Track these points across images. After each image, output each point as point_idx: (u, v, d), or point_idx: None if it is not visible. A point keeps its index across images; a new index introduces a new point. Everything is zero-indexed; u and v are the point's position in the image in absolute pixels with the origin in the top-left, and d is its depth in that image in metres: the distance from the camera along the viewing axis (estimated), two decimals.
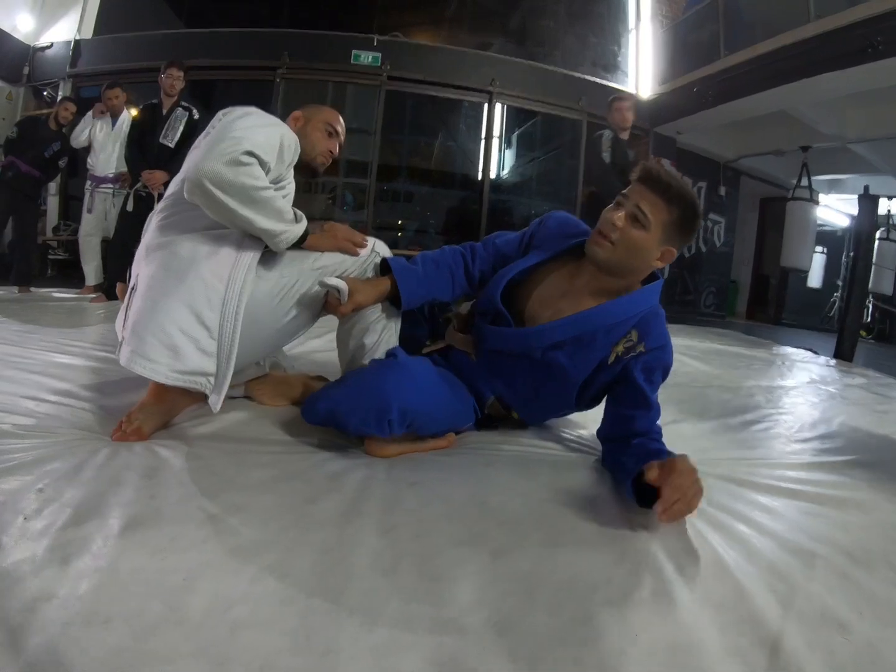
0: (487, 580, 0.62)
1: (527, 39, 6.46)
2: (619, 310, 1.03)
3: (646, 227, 0.97)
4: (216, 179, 0.89)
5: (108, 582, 0.57)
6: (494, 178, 5.96)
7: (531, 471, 0.95)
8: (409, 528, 0.71)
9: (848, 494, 1.00)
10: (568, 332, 1.03)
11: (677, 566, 0.68)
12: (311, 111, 1.26)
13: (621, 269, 1.02)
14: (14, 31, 5.29)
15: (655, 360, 1.02)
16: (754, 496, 0.94)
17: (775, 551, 0.75)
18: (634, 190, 0.99)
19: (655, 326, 1.03)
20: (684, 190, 0.97)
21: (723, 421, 1.50)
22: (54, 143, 3.77)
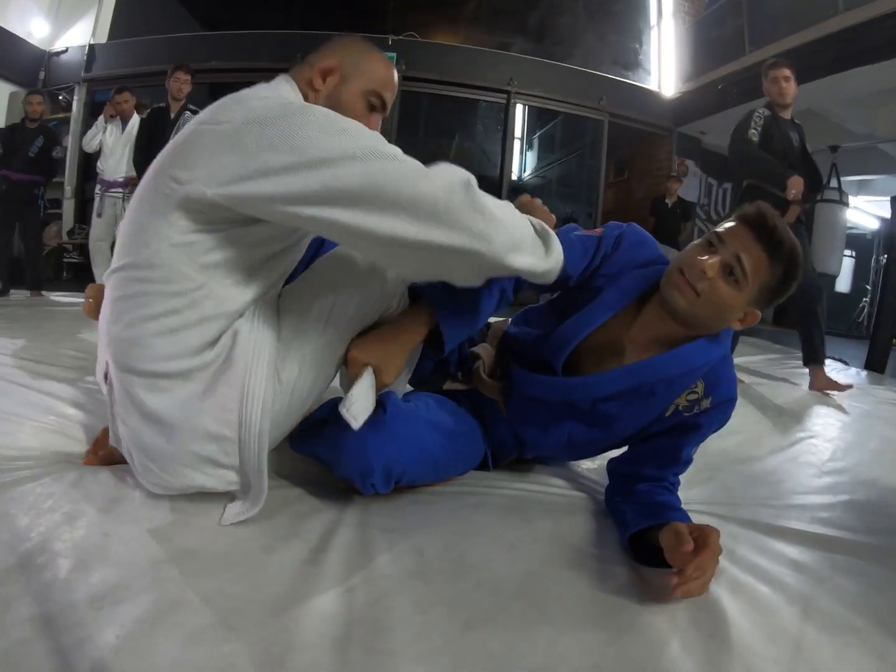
0: (447, 662, 0.53)
1: (545, 38, 6.37)
2: (686, 360, 0.87)
3: (740, 285, 0.80)
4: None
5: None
6: (515, 178, 5.90)
7: (524, 516, 0.84)
8: (370, 589, 0.62)
9: (888, 542, 0.88)
10: (626, 383, 0.87)
11: (683, 643, 0.58)
12: (355, 62, 0.84)
13: (696, 324, 0.85)
14: (29, 37, 5.38)
15: (718, 416, 0.89)
16: (782, 547, 0.82)
17: (802, 625, 0.64)
18: (736, 234, 0.81)
19: (724, 377, 0.89)
20: (795, 248, 0.80)
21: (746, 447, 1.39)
22: (36, 141, 3.81)
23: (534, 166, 6.64)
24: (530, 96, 5.61)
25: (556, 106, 5.77)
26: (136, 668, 0.49)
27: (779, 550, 0.82)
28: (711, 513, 0.90)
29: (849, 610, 0.68)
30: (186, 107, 3.43)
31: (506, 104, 5.54)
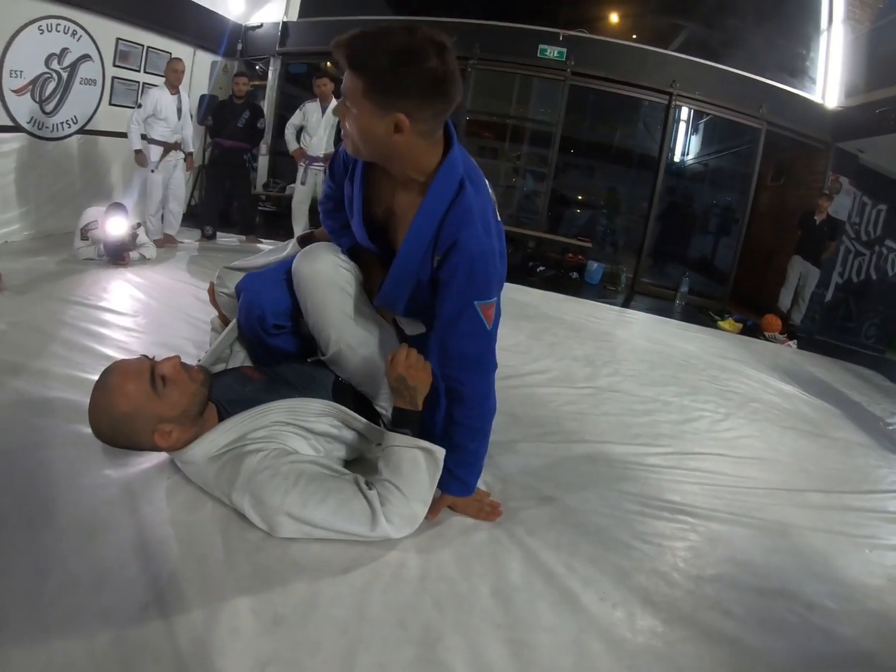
0: None
1: (712, 38, 7.49)
2: (421, 231, 1.35)
3: (351, 108, 1.21)
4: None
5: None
6: (676, 161, 7.12)
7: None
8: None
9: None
10: (398, 286, 1.47)
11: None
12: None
13: (377, 157, 1.32)
14: (227, 13, 7.22)
15: (449, 265, 1.33)
16: None
17: None
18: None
19: (446, 232, 1.33)
20: (367, 43, 1.15)
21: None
22: (243, 114, 5.61)
23: (696, 152, 7.97)
24: (691, 99, 6.92)
25: (714, 111, 7.05)
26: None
27: None
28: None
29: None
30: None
31: (667, 105, 6.92)
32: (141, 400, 1.31)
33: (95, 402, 1.33)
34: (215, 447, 1.39)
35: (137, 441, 1.37)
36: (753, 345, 5.18)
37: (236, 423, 1.42)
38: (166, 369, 1.35)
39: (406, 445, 1.40)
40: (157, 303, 3.27)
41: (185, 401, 1.36)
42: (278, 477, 1.29)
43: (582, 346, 3.71)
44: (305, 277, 1.58)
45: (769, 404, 3.23)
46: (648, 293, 7.07)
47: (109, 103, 5.76)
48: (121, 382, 1.31)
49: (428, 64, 1.15)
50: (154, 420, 1.33)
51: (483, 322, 1.37)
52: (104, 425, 1.33)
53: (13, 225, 4.80)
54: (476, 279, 1.33)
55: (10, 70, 4.69)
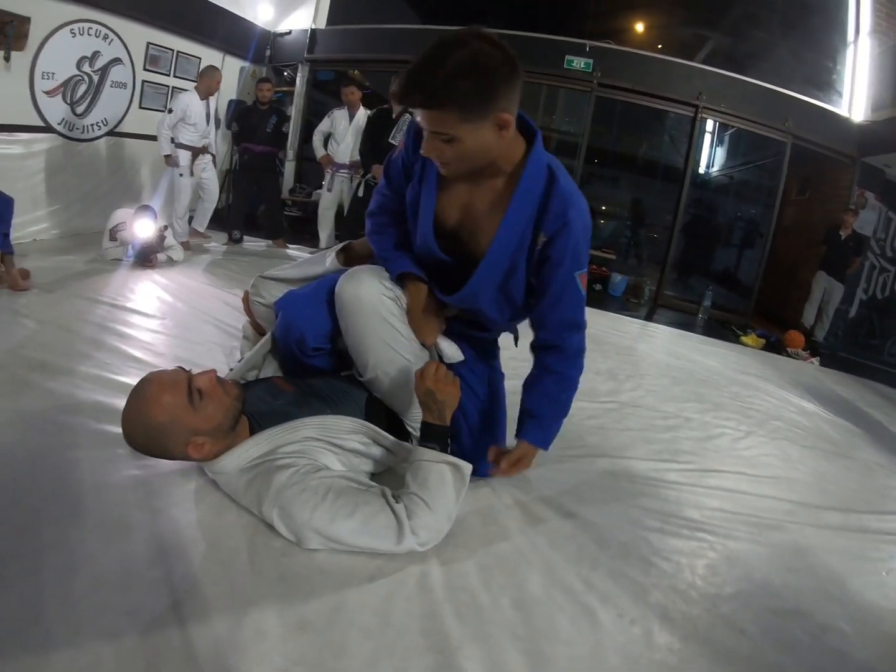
0: None
1: (737, 50, 7.54)
2: (517, 216, 1.39)
3: (451, 139, 1.25)
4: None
5: None
6: (701, 172, 7.12)
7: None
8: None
9: None
10: (487, 280, 1.48)
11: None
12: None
13: (480, 169, 1.36)
14: (255, 20, 7.34)
15: (560, 244, 1.39)
16: None
17: None
18: (420, 118, 1.26)
19: (552, 209, 1.37)
20: (436, 79, 1.17)
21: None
22: (271, 118, 5.67)
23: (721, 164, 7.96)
24: (717, 112, 6.88)
25: (740, 123, 7.02)
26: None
27: None
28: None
29: None
30: (407, 109, 5.10)
31: (693, 117, 6.91)
32: (177, 412, 1.33)
33: (131, 411, 1.35)
34: (246, 459, 1.41)
35: (170, 451, 1.39)
36: (776, 361, 5.14)
37: (268, 436, 1.44)
38: (203, 383, 1.38)
39: (433, 460, 1.43)
40: (183, 305, 3.33)
41: (219, 415, 1.39)
42: (307, 492, 1.31)
43: (605, 360, 3.71)
44: (349, 304, 1.59)
45: (790, 422, 3.21)
46: (671, 306, 7.04)
47: (139, 106, 5.90)
48: (158, 393, 1.33)
49: (493, 60, 1.19)
50: (189, 432, 1.36)
51: (581, 290, 1.49)
52: (138, 434, 1.36)
53: (42, 223, 4.92)
54: (579, 252, 1.43)
55: (42, 72, 4.82)
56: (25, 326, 2.66)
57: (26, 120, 4.80)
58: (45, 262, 3.92)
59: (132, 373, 2.28)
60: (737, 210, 8.35)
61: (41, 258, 4.01)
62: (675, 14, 7.76)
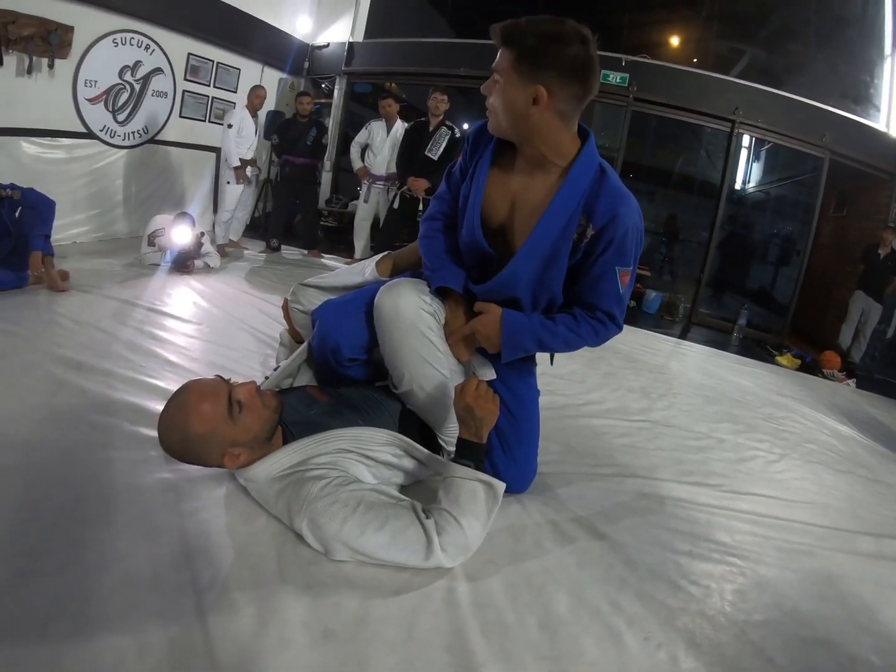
0: None
1: (774, 64, 7.45)
2: (563, 205, 1.44)
3: (498, 80, 1.37)
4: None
5: None
6: (728, 198, 7.02)
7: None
8: None
9: None
10: (530, 262, 1.50)
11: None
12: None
13: (516, 132, 1.44)
14: (294, 32, 7.48)
15: (607, 236, 1.44)
16: None
17: None
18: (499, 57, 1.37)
19: (601, 203, 1.43)
20: (520, 25, 1.32)
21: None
22: (310, 131, 5.77)
23: (758, 180, 7.85)
24: (753, 127, 6.77)
25: (777, 139, 6.90)
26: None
27: None
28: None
29: None
30: (444, 122, 5.14)
31: (730, 132, 6.81)
32: (216, 423, 1.34)
33: (170, 419, 1.35)
34: (279, 468, 1.42)
35: (206, 460, 1.41)
36: (811, 382, 5.04)
37: (301, 447, 1.45)
38: (243, 395, 1.39)
39: (467, 477, 1.42)
40: (219, 312, 3.38)
41: (257, 427, 1.40)
42: (338, 504, 1.31)
43: (638, 378, 3.68)
44: (387, 316, 1.60)
45: (825, 445, 3.13)
46: (706, 324, 6.93)
47: (179, 116, 6.06)
48: (197, 403, 1.34)
49: (571, 48, 1.30)
50: (226, 444, 1.37)
51: (619, 284, 1.51)
52: (175, 441, 1.37)
53: (82, 227, 5.07)
54: (625, 248, 1.46)
55: (85, 79, 4.99)
56: (63, 326, 2.74)
57: (69, 126, 4.96)
58: (85, 264, 4.03)
59: (167, 376, 2.33)
60: (773, 227, 8.20)
61: (81, 260, 4.12)
62: (710, 28, 7.70)
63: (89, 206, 5.16)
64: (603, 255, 1.46)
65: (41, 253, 3.25)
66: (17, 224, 3.34)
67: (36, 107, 4.63)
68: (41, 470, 1.56)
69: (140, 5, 5.24)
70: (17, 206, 3.34)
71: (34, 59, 4.50)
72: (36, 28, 4.44)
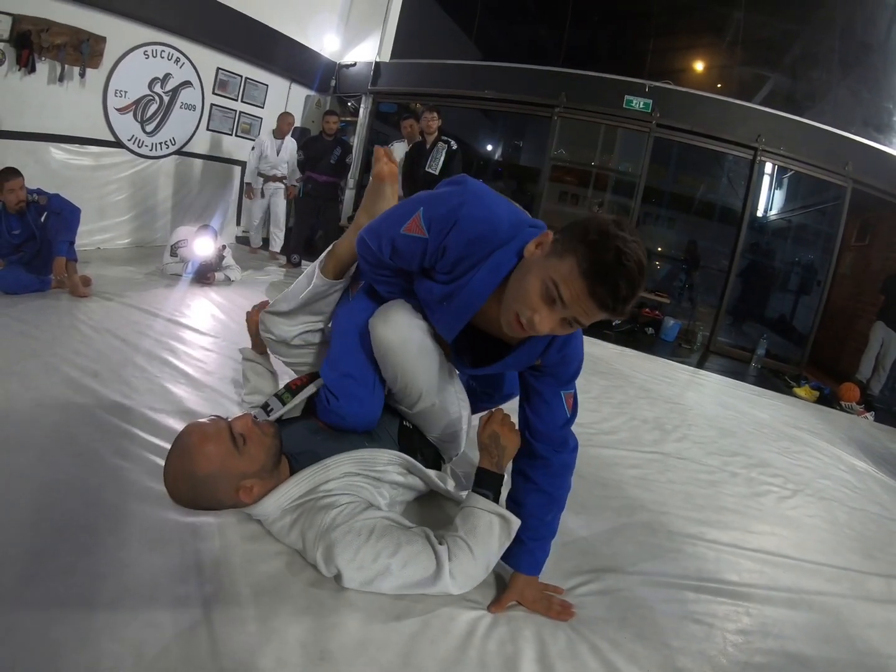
0: None
1: (796, 91, 7.44)
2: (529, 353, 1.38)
3: (568, 322, 1.17)
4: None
5: None
6: (749, 226, 7.00)
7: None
8: None
9: None
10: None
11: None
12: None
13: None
14: (322, 50, 7.61)
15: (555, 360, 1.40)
16: None
17: None
18: (581, 303, 1.11)
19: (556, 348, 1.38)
20: (632, 296, 1.09)
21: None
22: (335, 150, 5.88)
23: (779, 208, 7.80)
24: (776, 154, 6.74)
25: (799, 167, 6.83)
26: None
27: None
28: None
29: None
30: (440, 138, 5.21)
31: (752, 160, 6.79)
32: (224, 459, 1.33)
33: (175, 467, 1.33)
34: (287, 499, 1.43)
35: (219, 500, 1.39)
36: (829, 415, 4.96)
37: (307, 475, 1.46)
38: (241, 427, 1.40)
39: (486, 509, 1.43)
40: (237, 326, 3.40)
41: (262, 455, 1.41)
42: (351, 534, 1.32)
43: (652, 408, 3.63)
44: (395, 347, 1.56)
45: (839, 482, 3.08)
46: (724, 353, 6.85)
47: (207, 129, 6.18)
48: (201, 444, 1.33)
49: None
50: (238, 477, 1.37)
51: (566, 408, 1.47)
52: (185, 488, 1.34)
53: (107, 234, 5.18)
54: (569, 376, 1.46)
55: (115, 90, 5.13)
56: (83, 333, 2.79)
57: (98, 134, 5.09)
58: (107, 270, 4.11)
59: (183, 388, 2.37)
60: (793, 255, 8.13)
61: (103, 267, 4.20)
62: (733, 54, 7.71)
63: (114, 213, 5.27)
64: (550, 381, 1.45)
65: (65, 258, 3.32)
66: (42, 228, 3.42)
67: (66, 114, 4.76)
68: (53, 473, 1.59)
69: (171, 19, 5.38)
70: (43, 211, 3.43)
71: (66, 67, 4.63)
72: (68, 37, 4.58)
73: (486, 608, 1.42)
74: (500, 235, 1.27)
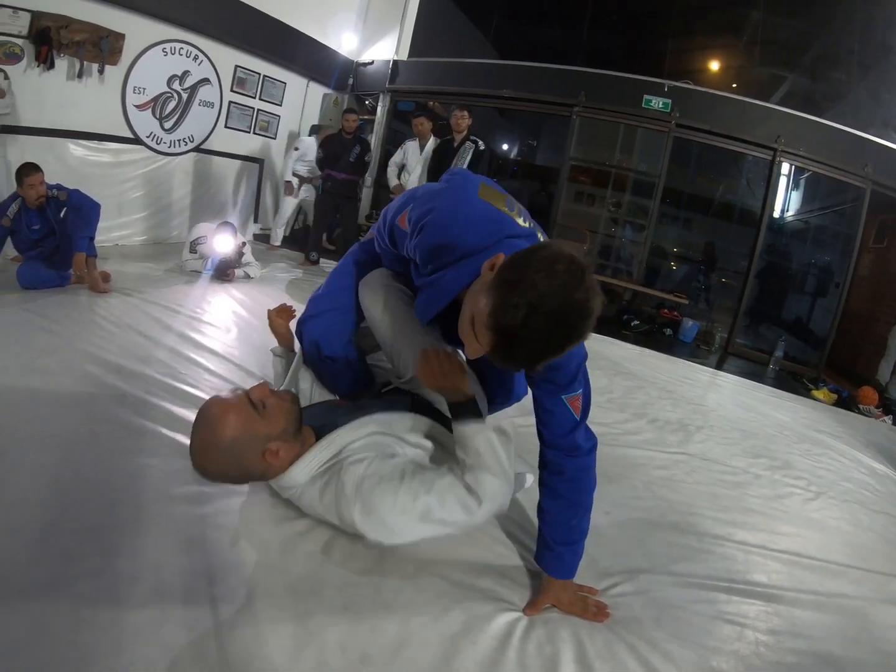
0: None
1: (815, 92, 7.35)
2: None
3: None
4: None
5: None
6: (768, 227, 6.94)
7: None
8: None
9: None
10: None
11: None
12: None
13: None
14: (339, 49, 7.60)
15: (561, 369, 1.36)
16: None
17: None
18: (484, 344, 1.11)
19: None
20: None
21: None
22: (354, 148, 5.87)
23: (797, 209, 7.75)
24: (795, 156, 6.66)
25: (818, 168, 6.74)
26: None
27: None
28: None
29: None
30: (468, 137, 5.18)
31: (771, 160, 6.71)
32: (247, 423, 1.35)
33: (200, 439, 1.35)
34: (317, 464, 1.43)
35: (248, 467, 1.39)
36: (847, 418, 4.92)
37: (333, 438, 1.47)
38: (259, 393, 1.41)
39: (477, 430, 1.41)
40: (258, 321, 3.40)
41: (282, 418, 1.41)
42: (384, 480, 1.32)
43: (675, 409, 3.66)
44: (378, 312, 1.67)
45: (861, 484, 3.06)
46: (742, 355, 6.77)
47: (225, 126, 6.18)
48: (223, 413, 1.34)
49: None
50: (262, 440, 1.37)
51: (572, 412, 1.41)
52: (213, 458, 1.35)
53: (126, 230, 5.19)
54: (568, 379, 1.38)
55: (134, 86, 5.13)
56: (104, 328, 2.80)
57: (116, 131, 5.10)
58: (126, 267, 4.12)
59: (206, 384, 2.37)
60: (812, 257, 8.01)
61: (122, 263, 4.22)
62: (752, 54, 7.65)
63: (133, 210, 5.29)
64: (549, 387, 1.40)
65: (85, 254, 3.33)
66: (62, 224, 3.44)
67: (85, 110, 4.76)
68: (77, 471, 1.58)
69: (190, 16, 5.38)
70: (63, 207, 3.45)
71: (85, 64, 4.64)
72: (88, 34, 4.59)
73: (521, 610, 1.42)
74: (457, 251, 1.29)
